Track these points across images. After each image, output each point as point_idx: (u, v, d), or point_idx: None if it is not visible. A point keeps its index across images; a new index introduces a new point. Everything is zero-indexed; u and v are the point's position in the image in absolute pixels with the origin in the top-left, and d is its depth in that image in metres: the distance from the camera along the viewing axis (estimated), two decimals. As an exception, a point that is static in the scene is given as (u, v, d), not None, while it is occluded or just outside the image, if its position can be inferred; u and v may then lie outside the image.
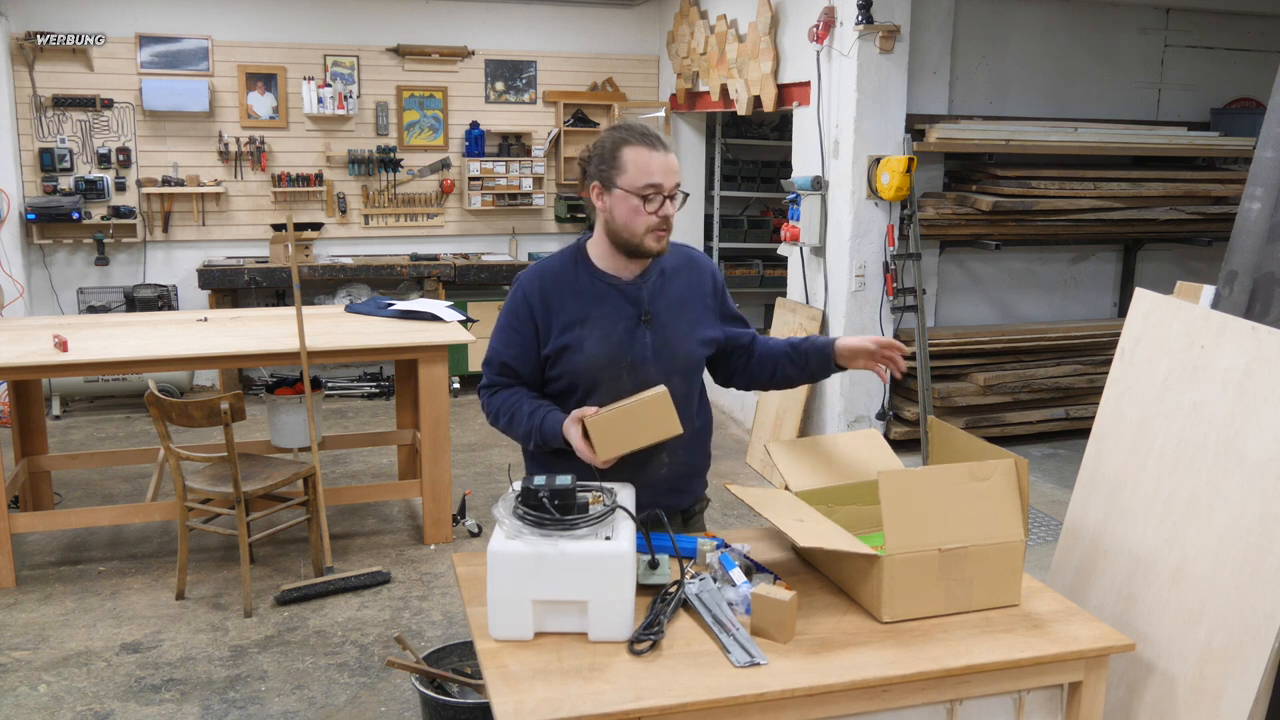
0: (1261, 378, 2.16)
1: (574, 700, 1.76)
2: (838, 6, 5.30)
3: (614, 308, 2.35)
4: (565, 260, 2.41)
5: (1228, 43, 6.31)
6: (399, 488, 5.03)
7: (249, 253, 7.54)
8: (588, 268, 2.38)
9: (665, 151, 2.27)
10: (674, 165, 2.28)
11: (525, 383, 2.41)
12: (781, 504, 2.26)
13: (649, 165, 2.25)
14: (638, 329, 2.35)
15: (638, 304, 2.36)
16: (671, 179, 2.27)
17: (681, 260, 2.47)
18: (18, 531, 4.40)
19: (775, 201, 8.21)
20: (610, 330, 2.33)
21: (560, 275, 2.38)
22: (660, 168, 2.25)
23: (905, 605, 2.05)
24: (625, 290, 2.36)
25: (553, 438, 2.29)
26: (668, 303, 2.39)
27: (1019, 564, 2.12)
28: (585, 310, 2.34)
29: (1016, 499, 2.13)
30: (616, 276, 2.37)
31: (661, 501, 2.33)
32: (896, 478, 2.08)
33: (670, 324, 2.39)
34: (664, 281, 2.41)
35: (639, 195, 2.25)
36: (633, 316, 2.35)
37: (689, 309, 2.43)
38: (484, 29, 7.87)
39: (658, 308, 2.38)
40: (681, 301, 2.42)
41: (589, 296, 2.35)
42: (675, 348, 2.39)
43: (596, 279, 2.37)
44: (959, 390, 5.56)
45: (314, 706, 3.46)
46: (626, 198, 2.26)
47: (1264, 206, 2.48)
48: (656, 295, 2.38)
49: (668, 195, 2.27)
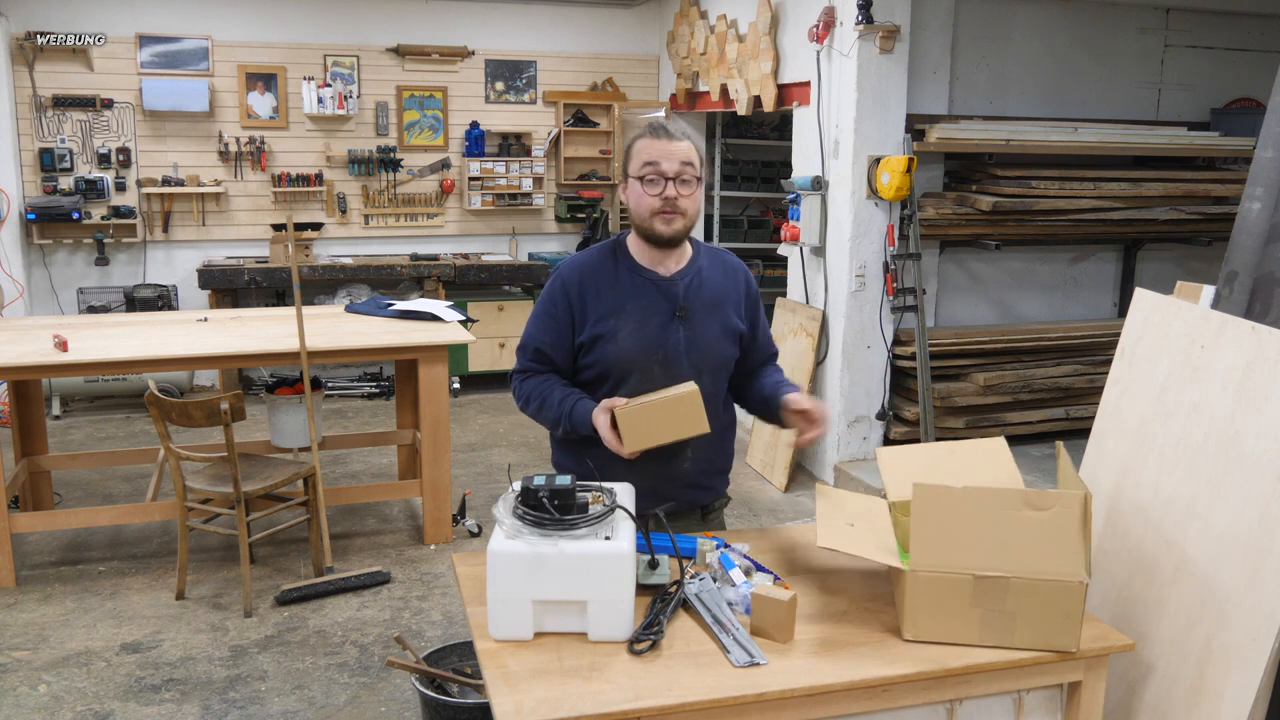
0: (1261, 378, 2.16)
1: (574, 700, 1.76)
2: (838, 6, 5.30)
3: (650, 301, 2.39)
4: (604, 253, 2.47)
5: (1228, 43, 6.31)
6: (399, 488, 5.03)
7: (249, 253, 7.54)
8: (626, 262, 2.43)
9: (669, 139, 2.33)
10: (677, 150, 2.33)
11: (558, 370, 2.45)
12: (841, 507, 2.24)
13: (648, 150, 2.33)
14: (672, 323, 2.39)
15: (673, 299, 2.40)
16: (671, 161, 2.31)
17: (717, 262, 2.52)
18: (18, 531, 4.40)
19: (775, 201, 8.21)
20: (645, 323, 2.38)
21: (599, 268, 2.43)
22: (659, 151, 2.32)
23: (929, 626, 1.97)
24: (662, 285, 2.41)
25: (581, 425, 2.32)
26: (703, 301, 2.44)
27: (1077, 607, 1.93)
28: (621, 302, 2.39)
29: (1079, 535, 1.93)
30: (654, 271, 2.42)
31: (682, 496, 2.39)
32: (933, 492, 1.97)
33: (704, 321, 2.43)
34: (700, 280, 2.45)
35: (639, 178, 2.33)
36: (667, 311, 2.40)
37: (721, 308, 2.46)
38: (484, 29, 7.87)
39: (693, 304, 2.42)
40: (716, 300, 2.46)
41: (626, 289, 2.40)
42: (707, 345, 2.43)
43: (635, 273, 2.42)
44: (959, 390, 5.56)
45: (314, 706, 3.46)
46: (634, 184, 2.35)
47: (1264, 206, 2.48)
48: (692, 292, 2.42)
49: (670, 178, 2.31)
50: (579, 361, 2.43)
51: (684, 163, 2.32)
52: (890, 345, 5.53)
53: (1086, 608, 1.97)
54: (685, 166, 2.32)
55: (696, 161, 2.35)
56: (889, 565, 2.05)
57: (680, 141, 2.34)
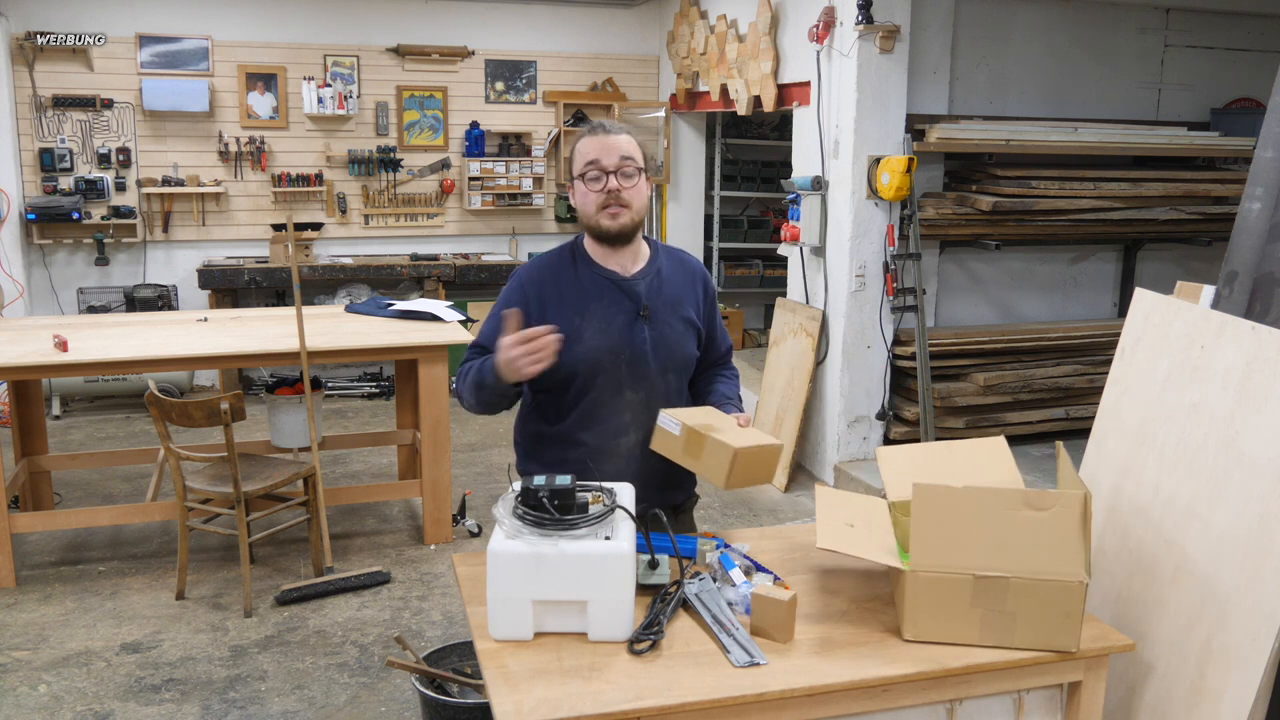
0: (1261, 378, 2.16)
1: (574, 700, 1.76)
2: (838, 6, 5.30)
3: (612, 301, 2.40)
4: (563, 256, 2.47)
5: (1228, 43, 6.31)
6: (399, 488, 5.03)
7: (249, 253, 7.54)
8: (586, 263, 2.44)
9: (607, 134, 2.34)
10: (615, 144, 2.33)
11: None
12: (841, 508, 2.25)
13: (587, 148, 2.34)
14: (636, 323, 2.40)
15: (635, 299, 2.41)
16: (610, 155, 2.32)
17: (675, 262, 2.54)
18: (18, 531, 4.40)
19: (775, 201, 8.21)
20: (609, 323, 2.38)
21: (559, 269, 2.44)
22: (597, 148, 2.33)
23: (930, 627, 1.97)
24: (623, 285, 2.41)
25: (489, 372, 2.31)
26: (664, 300, 2.45)
27: (1077, 607, 1.93)
28: (583, 303, 2.39)
29: (1079, 535, 1.93)
30: (614, 271, 2.42)
31: (654, 497, 2.38)
32: (933, 492, 1.97)
33: (667, 321, 2.44)
34: (660, 280, 2.46)
35: (581, 177, 2.35)
36: (631, 311, 2.40)
37: (682, 307, 2.48)
38: (484, 29, 7.87)
39: (655, 304, 2.43)
40: (677, 299, 2.48)
41: (588, 289, 2.40)
42: (672, 344, 2.45)
43: (595, 273, 2.42)
44: (959, 390, 5.56)
45: (314, 706, 3.46)
46: (578, 184, 2.37)
47: (1264, 206, 2.48)
48: (654, 292, 2.44)
49: (610, 171, 2.31)
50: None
51: (623, 156, 2.32)
52: (890, 345, 5.53)
53: (1086, 608, 1.97)
54: (625, 161, 2.32)
55: (636, 154, 2.35)
56: (889, 565, 2.05)
57: (618, 135, 2.34)
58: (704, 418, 2.30)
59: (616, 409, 2.40)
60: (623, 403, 2.40)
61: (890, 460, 2.41)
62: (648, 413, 2.39)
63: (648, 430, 2.37)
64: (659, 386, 2.43)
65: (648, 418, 2.38)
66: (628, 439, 2.42)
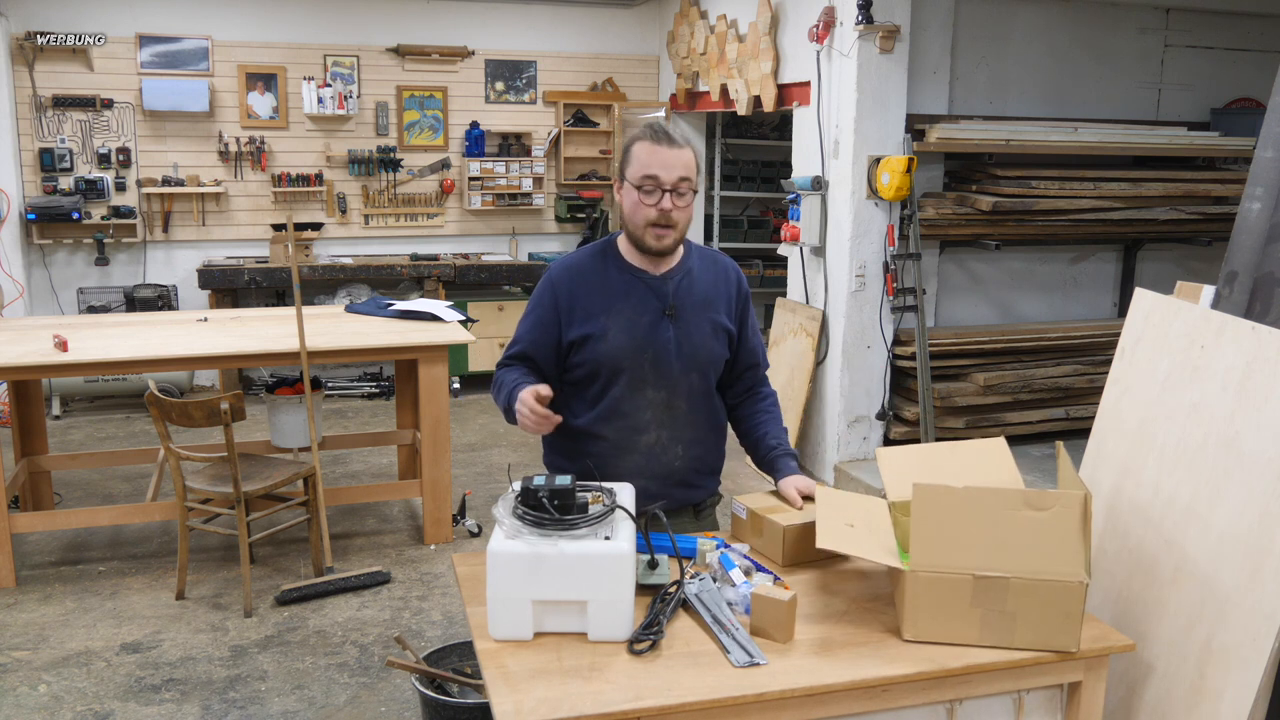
0: (1261, 377, 2.16)
1: (574, 700, 1.76)
2: (838, 6, 5.30)
3: (639, 300, 2.40)
4: (595, 254, 2.47)
5: (1228, 43, 6.31)
6: (399, 488, 5.03)
7: (249, 253, 7.54)
8: (616, 261, 2.44)
9: (670, 146, 2.30)
10: (676, 160, 2.29)
11: (537, 367, 2.46)
12: (841, 508, 2.25)
13: (649, 159, 2.29)
14: (661, 322, 2.40)
15: (663, 298, 2.41)
16: (671, 173, 2.28)
17: (708, 262, 2.52)
18: (18, 531, 4.40)
19: (775, 201, 8.21)
20: (635, 321, 2.39)
21: (589, 268, 2.44)
22: (659, 161, 2.28)
23: (929, 627, 1.97)
24: (652, 284, 2.41)
25: (510, 408, 2.34)
26: (693, 300, 2.44)
27: (1077, 608, 1.93)
28: (610, 301, 2.39)
29: (1079, 535, 1.93)
30: (644, 271, 2.42)
31: (674, 494, 2.41)
32: (933, 492, 1.97)
33: (694, 321, 2.44)
34: (690, 280, 2.45)
35: (637, 187, 2.31)
36: (657, 310, 2.40)
37: (712, 307, 2.47)
38: (484, 29, 7.87)
39: (682, 304, 2.42)
40: (706, 300, 2.46)
41: (616, 287, 2.41)
42: (697, 344, 2.44)
43: (624, 272, 2.42)
44: (959, 390, 5.56)
45: (314, 706, 3.46)
46: (630, 190, 2.33)
47: (1264, 206, 2.48)
48: (682, 292, 2.43)
49: (667, 190, 2.29)
50: (569, 360, 2.43)
51: (682, 177, 2.29)
52: (890, 345, 5.53)
53: (1086, 608, 1.97)
54: (682, 181, 2.29)
55: (694, 173, 2.32)
56: (889, 565, 2.05)
57: (681, 150, 2.30)
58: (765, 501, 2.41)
59: (639, 406, 2.41)
60: (645, 400, 2.41)
61: (890, 460, 2.41)
62: (670, 411, 2.42)
63: (669, 428, 2.41)
64: (682, 386, 2.43)
65: (670, 416, 2.42)
66: (648, 436, 2.43)
